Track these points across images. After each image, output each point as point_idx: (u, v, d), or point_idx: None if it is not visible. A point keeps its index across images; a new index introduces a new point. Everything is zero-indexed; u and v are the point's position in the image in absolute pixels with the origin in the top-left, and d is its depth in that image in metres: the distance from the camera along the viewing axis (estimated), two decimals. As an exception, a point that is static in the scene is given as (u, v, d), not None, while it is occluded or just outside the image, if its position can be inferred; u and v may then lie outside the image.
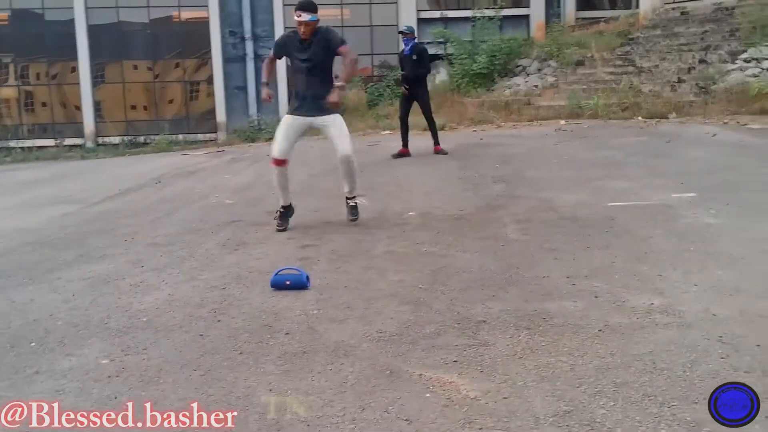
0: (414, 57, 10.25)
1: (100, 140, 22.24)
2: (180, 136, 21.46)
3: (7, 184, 11.63)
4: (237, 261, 5.04)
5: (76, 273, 4.95)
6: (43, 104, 23.12)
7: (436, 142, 10.48)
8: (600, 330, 3.32)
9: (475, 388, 2.81)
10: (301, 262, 4.81)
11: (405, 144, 10.43)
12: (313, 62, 5.77)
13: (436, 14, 23.11)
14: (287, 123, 5.94)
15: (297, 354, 3.25)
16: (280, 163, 5.91)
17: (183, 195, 8.41)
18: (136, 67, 23.39)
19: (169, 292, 4.35)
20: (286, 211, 6.06)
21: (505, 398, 2.71)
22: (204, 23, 22.42)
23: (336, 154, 5.87)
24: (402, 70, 10.81)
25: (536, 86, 16.94)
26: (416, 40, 10.68)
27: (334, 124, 5.87)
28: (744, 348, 3.00)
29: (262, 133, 18.73)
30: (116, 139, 21.93)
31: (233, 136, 20.65)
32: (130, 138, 22.03)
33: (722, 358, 2.92)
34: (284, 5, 22.10)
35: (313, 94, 5.80)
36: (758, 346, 3.01)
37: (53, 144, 21.79)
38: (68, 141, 22.11)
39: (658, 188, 6.62)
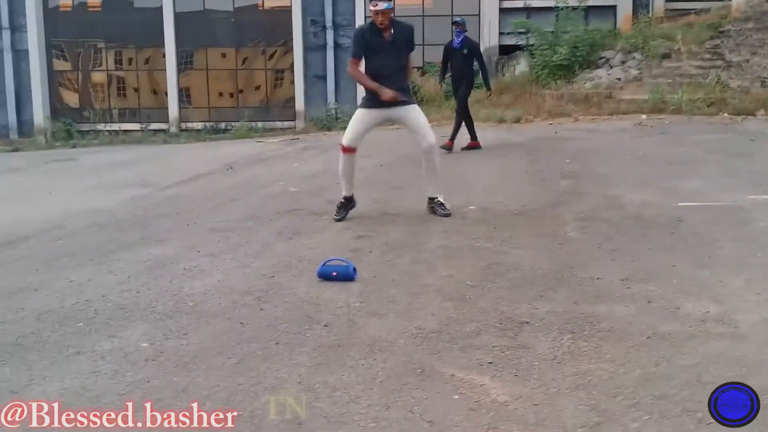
0: (465, 51, 9.92)
1: (184, 125, 22.80)
2: (259, 124, 21.77)
3: (89, 166, 12.05)
4: (290, 250, 5.05)
5: (136, 255, 5.06)
6: (131, 89, 23.87)
7: (452, 138, 10.13)
8: (648, 337, 3.16)
9: (506, 392, 2.71)
10: (352, 254, 4.79)
11: (473, 137, 10.24)
12: (394, 52, 5.74)
13: (519, 4, 22.63)
14: (361, 114, 5.91)
15: (332, 347, 3.22)
16: (349, 150, 5.89)
17: (250, 182, 8.52)
18: (222, 55, 23.84)
19: (219, 278, 4.39)
20: (347, 202, 6.03)
21: (535, 405, 2.60)
22: (286, 12, 22.66)
23: (419, 146, 5.84)
24: (447, 63, 10.38)
25: (619, 79, 16.41)
26: (467, 34, 10.23)
27: (414, 114, 5.80)
28: (800, 364, 2.81)
29: (338, 122, 18.83)
30: (199, 125, 22.45)
31: (310, 124, 20.86)
32: (211, 124, 22.51)
33: (774, 374, 2.74)
34: (365, -5, 22.15)
35: (392, 85, 5.69)
36: (815, 363, 2.81)
37: (139, 128, 22.48)
38: (153, 125, 22.75)
39: (734, 189, 6.29)
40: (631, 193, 6.34)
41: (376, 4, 5.57)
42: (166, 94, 23.22)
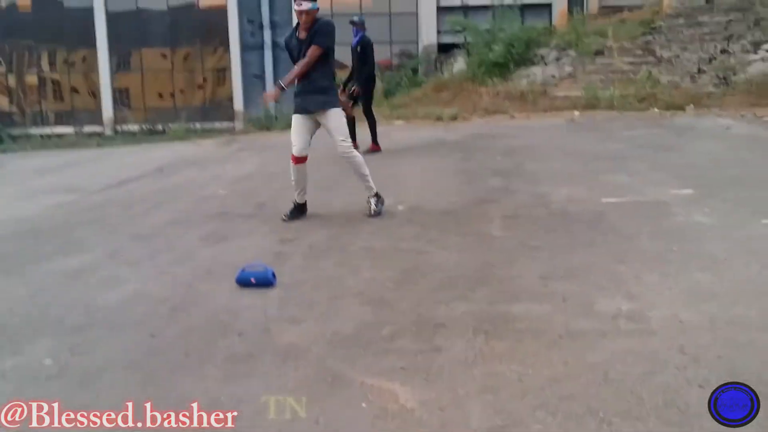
0: (358, 50, 9.65)
1: (119, 128, 22.35)
2: (198, 125, 21.48)
3: (17, 171, 11.66)
4: (213, 255, 4.95)
5: (53, 265, 4.90)
6: (65, 92, 23.29)
7: (374, 141, 9.90)
8: (560, 336, 3.17)
9: (414, 397, 2.68)
10: (275, 258, 4.72)
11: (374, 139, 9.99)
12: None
13: (457, 2, 22.79)
14: (296, 121, 5.82)
15: (243, 357, 3.15)
16: (298, 160, 5.79)
17: (180, 185, 8.34)
18: (161, 56, 23.42)
19: (136, 287, 4.27)
20: (297, 209, 5.94)
21: (441, 410, 2.58)
22: (222, 11, 22.38)
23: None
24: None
25: (553, 76, 16.61)
26: (366, 33, 9.80)
27: (330, 119, 5.70)
28: (704, 359, 2.84)
29: (277, 122, 18.64)
30: (134, 127, 22.03)
31: (249, 124, 20.61)
32: (148, 126, 22.10)
33: (678, 369, 2.76)
34: (303, -7, 21.97)
35: (310, 89, 5.65)
36: (719, 357, 2.84)
37: (73, 131, 21.95)
38: (87, 128, 22.28)
39: (658, 183, 6.40)
40: (558, 190, 6.39)
41: (300, 4, 5.49)
42: (96, 95, 22.69)
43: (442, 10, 22.52)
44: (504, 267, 4.26)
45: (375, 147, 9.82)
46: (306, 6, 5.48)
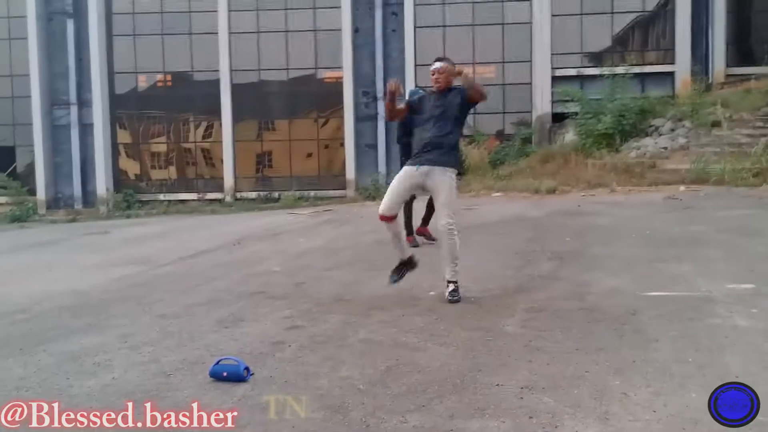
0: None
1: (238, 195, 23.27)
2: (312, 192, 22.04)
3: (115, 240, 12.25)
4: (215, 341, 4.86)
5: (65, 345, 4.95)
6: (190, 160, 24.59)
7: (423, 223, 8.64)
8: (496, 464, 2.81)
9: None
10: (272, 347, 4.58)
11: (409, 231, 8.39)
12: (444, 108, 5.51)
13: (572, 72, 22.33)
14: (404, 174, 5.65)
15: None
16: (386, 219, 5.61)
17: (244, 259, 8.45)
18: (272, 125, 24.39)
19: (116, 375, 4.22)
20: (401, 266, 5.79)
21: None
22: (338, 83, 23.06)
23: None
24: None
25: (665, 148, 15.83)
26: None
27: (443, 187, 5.50)
28: None
29: (383, 191, 18.77)
30: (253, 195, 22.89)
31: (359, 192, 20.95)
32: (265, 193, 22.89)
33: None
34: (416, 65, 22.35)
35: (436, 142, 5.51)
36: None
37: (196, 198, 23.09)
38: (210, 195, 23.34)
39: (718, 275, 5.79)
40: (605, 279, 5.92)
41: (435, 64, 5.53)
42: (219, 163, 23.79)
43: (557, 79, 22.12)
44: (491, 372, 3.91)
45: (423, 230, 8.64)
46: (439, 65, 5.53)
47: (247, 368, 4.05)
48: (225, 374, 4.01)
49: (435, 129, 5.52)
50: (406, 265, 5.78)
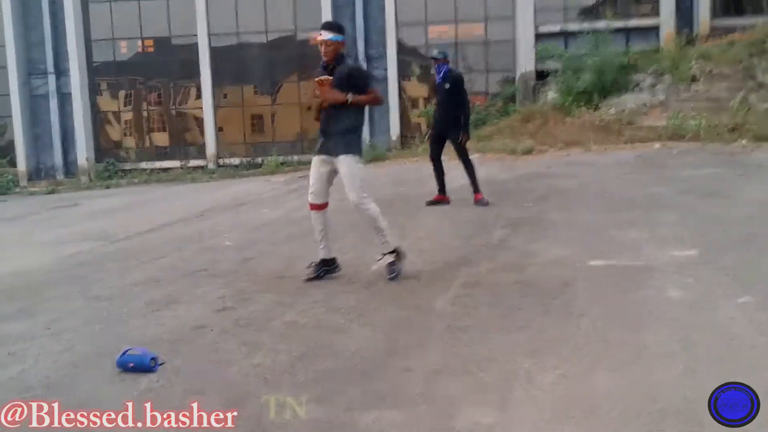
0: (447, 86, 8.70)
1: (221, 161, 23.00)
2: (295, 157, 21.75)
3: (79, 213, 12.10)
4: (140, 326, 4.73)
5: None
6: (171, 127, 24.26)
7: (476, 190, 8.60)
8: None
9: None
10: (193, 333, 4.45)
11: (441, 189, 8.94)
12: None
13: (556, 28, 21.85)
14: (314, 164, 5.42)
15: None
16: (315, 207, 5.41)
17: (199, 233, 8.30)
18: (254, 89, 24.04)
19: (25, 367, 4.09)
20: (320, 266, 5.46)
21: None
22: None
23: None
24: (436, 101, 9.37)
25: (645, 104, 15.55)
26: (450, 66, 8.96)
27: (342, 167, 5.20)
28: None
29: (370, 153, 18.50)
30: (236, 161, 22.63)
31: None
32: (248, 159, 22.62)
33: None
34: (397, 25, 21.95)
35: (328, 130, 5.25)
36: None
37: (179, 165, 22.85)
38: (193, 162, 23.07)
39: (665, 242, 5.65)
40: (552, 248, 5.77)
41: (321, 33, 5.11)
42: (201, 130, 23.51)
43: (540, 37, 21.66)
44: (405, 355, 3.78)
45: (479, 197, 8.54)
46: (327, 36, 5.10)
47: (154, 358, 3.91)
48: (131, 365, 3.88)
49: (327, 114, 5.21)
50: (323, 265, 5.48)
